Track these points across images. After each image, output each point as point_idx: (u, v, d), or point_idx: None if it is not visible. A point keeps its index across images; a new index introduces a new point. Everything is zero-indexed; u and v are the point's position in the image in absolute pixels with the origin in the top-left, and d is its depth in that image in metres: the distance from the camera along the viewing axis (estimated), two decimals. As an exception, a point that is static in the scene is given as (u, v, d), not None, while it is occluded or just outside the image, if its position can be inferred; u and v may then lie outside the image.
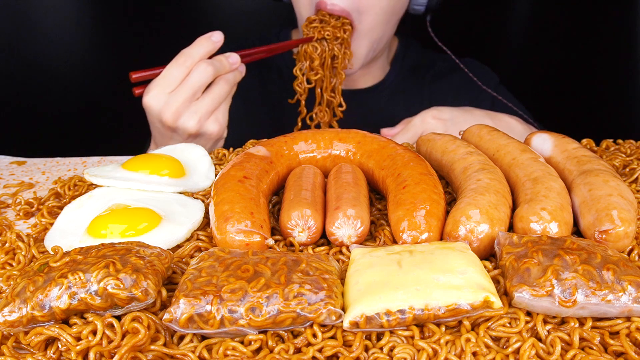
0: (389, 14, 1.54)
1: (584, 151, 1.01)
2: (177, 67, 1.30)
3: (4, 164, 1.29)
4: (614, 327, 0.72)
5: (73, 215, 0.99)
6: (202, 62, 1.30)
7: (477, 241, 0.83)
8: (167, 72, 1.30)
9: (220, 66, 1.33)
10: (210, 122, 1.34)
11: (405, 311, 0.70)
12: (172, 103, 1.29)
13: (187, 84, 1.29)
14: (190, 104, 1.31)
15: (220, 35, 1.34)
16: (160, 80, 1.30)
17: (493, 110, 1.71)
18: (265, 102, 1.78)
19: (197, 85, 1.30)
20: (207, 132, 1.34)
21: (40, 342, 0.70)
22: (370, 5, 1.49)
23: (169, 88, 1.29)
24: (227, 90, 1.36)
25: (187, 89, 1.29)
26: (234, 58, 1.37)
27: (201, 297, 0.69)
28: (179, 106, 1.29)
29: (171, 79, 1.29)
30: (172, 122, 1.30)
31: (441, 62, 1.82)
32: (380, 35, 1.57)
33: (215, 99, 1.33)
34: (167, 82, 1.29)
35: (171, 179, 1.08)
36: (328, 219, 0.89)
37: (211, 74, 1.31)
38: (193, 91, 1.30)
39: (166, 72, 1.30)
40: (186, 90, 1.29)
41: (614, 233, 0.82)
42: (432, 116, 1.43)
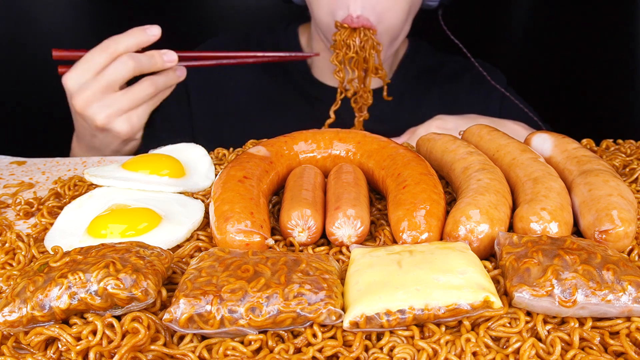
0: (406, 12, 1.53)
1: (584, 151, 1.01)
2: (99, 52, 1.24)
3: (4, 164, 1.29)
4: (614, 327, 0.72)
5: (73, 215, 0.99)
6: (125, 54, 1.24)
7: (477, 241, 0.83)
8: (89, 56, 1.25)
9: (149, 63, 1.27)
10: (120, 121, 1.28)
11: (405, 311, 0.70)
12: (84, 90, 1.24)
13: (104, 75, 1.24)
14: (104, 96, 1.25)
15: (158, 30, 1.27)
16: (81, 63, 1.25)
17: (502, 110, 1.71)
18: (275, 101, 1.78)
19: (112, 77, 1.24)
20: (113, 129, 1.28)
21: (40, 342, 0.70)
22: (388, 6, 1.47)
23: (88, 73, 1.24)
24: (150, 93, 1.29)
25: (103, 79, 1.24)
26: (169, 56, 1.30)
27: (201, 297, 0.69)
28: (91, 95, 1.24)
29: (92, 64, 1.24)
30: (81, 109, 1.25)
31: (451, 64, 1.82)
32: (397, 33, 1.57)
33: (132, 99, 1.27)
34: (88, 66, 1.24)
35: (171, 179, 1.08)
36: (328, 219, 0.89)
37: (131, 69, 1.24)
38: (107, 83, 1.24)
39: (88, 55, 1.25)
40: (101, 81, 1.24)
41: (614, 233, 0.82)
42: (436, 126, 1.42)
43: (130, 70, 1.25)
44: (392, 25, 1.51)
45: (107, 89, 1.25)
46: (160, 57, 1.28)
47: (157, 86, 1.30)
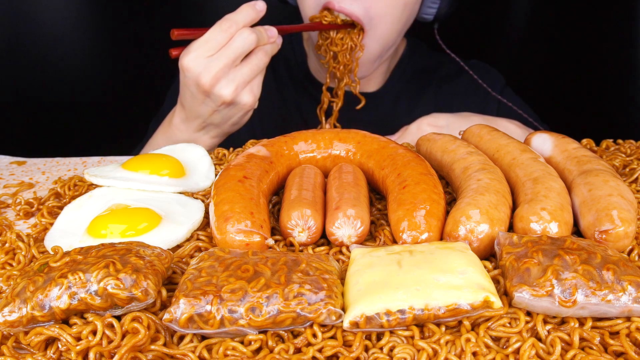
0: (401, 22, 1.53)
1: (584, 151, 1.01)
2: (220, 31, 1.28)
3: (4, 164, 1.29)
4: (614, 327, 0.72)
5: (73, 215, 0.99)
6: (245, 29, 1.29)
7: (477, 241, 0.83)
8: (210, 35, 1.28)
9: (261, 36, 1.32)
10: (246, 92, 1.32)
11: (405, 311, 0.70)
12: (211, 67, 1.27)
13: (229, 50, 1.27)
14: (229, 71, 1.29)
15: (264, 5, 1.33)
16: (202, 43, 1.28)
17: (500, 111, 1.71)
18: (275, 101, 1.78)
19: (238, 52, 1.28)
20: (241, 102, 1.32)
21: (40, 342, 0.70)
22: (382, 13, 1.48)
23: (210, 52, 1.27)
24: (265, 62, 1.34)
25: (229, 54, 1.27)
26: (272, 31, 1.35)
27: (201, 297, 0.69)
28: (218, 71, 1.27)
29: (213, 43, 1.27)
30: (209, 87, 1.28)
31: (449, 65, 1.82)
32: (391, 43, 1.57)
33: (253, 69, 1.32)
34: (209, 45, 1.27)
35: (171, 179, 1.08)
36: (328, 219, 0.89)
37: (254, 42, 1.29)
38: (234, 57, 1.28)
39: (209, 35, 1.28)
40: (227, 56, 1.27)
41: (614, 233, 0.82)
42: (428, 123, 1.42)
43: (253, 42, 1.29)
44: (385, 33, 1.51)
45: (232, 63, 1.29)
46: (265, 32, 1.34)
47: (268, 55, 1.35)
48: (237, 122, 1.41)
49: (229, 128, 1.42)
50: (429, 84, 1.80)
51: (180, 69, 1.31)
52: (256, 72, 1.33)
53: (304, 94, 1.77)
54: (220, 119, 1.37)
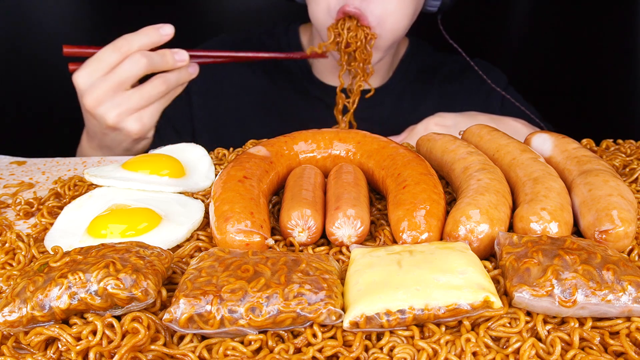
0: (409, 17, 1.52)
1: (584, 151, 1.01)
2: (112, 51, 1.23)
3: (4, 164, 1.29)
4: (614, 327, 0.72)
5: (73, 215, 0.99)
6: (138, 52, 1.23)
7: (477, 241, 0.83)
8: (101, 54, 1.23)
9: (161, 61, 1.26)
10: (131, 120, 1.26)
11: (405, 311, 0.70)
12: (96, 88, 1.23)
13: (116, 73, 1.22)
14: (115, 95, 1.24)
15: (171, 29, 1.27)
16: (93, 62, 1.24)
17: (502, 110, 1.71)
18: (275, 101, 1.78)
19: (124, 76, 1.23)
20: (124, 128, 1.27)
21: (40, 342, 0.70)
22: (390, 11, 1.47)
23: (100, 72, 1.23)
24: (161, 91, 1.28)
25: (115, 78, 1.22)
26: (181, 55, 1.28)
27: (201, 297, 0.69)
28: (102, 94, 1.23)
29: (103, 63, 1.23)
30: (91, 108, 1.24)
31: (451, 64, 1.81)
32: (400, 37, 1.56)
33: (144, 97, 1.26)
34: (99, 65, 1.23)
35: (171, 179, 1.08)
36: (328, 219, 0.89)
37: (143, 67, 1.23)
38: (119, 81, 1.23)
39: (100, 54, 1.24)
40: (113, 79, 1.22)
41: (614, 233, 0.82)
42: (435, 123, 1.42)
43: (143, 68, 1.23)
44: (395, 30, 1.51)
45: (119, 87, 1.23)
46: (171, 56, 1.27)
47: (169, 84, 1.28)
48: (130, 148, 1.35)
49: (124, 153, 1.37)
50: (432, 82, 1.80)
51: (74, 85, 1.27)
52: (148, 101, 1.27)
53: (304, 94, 1.77)
54: (110, 142, 1.33)
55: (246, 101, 1.78)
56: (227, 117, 1.77)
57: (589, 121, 1.93)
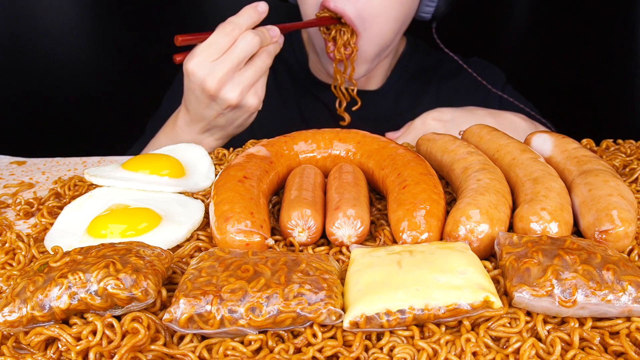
0: (398, 22, 1.52)
1: (584, 151, 1.01)
2: (224, 35, 1.28)
3: (4, 164, 1.29)
4: (614, 327, 0.72)
5: (73, 215, 0.99)
6: (248, 32, 1.29)
7: (477, 241, 0.83)
8: (214, 39, 1.28)
9: (264, 37, 1.32)
10: (251, 95, 1.33)
11: (405, 311, 0.70)
12: (216, 72, 1.27)
13: (233, 53, 1.28)
14: (234, 75, 1.29)
15: (266, 6, 1.33)
16: (206, 47, 1.28)
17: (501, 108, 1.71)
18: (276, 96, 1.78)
19: (242, 55, 1.28)
20: (246, 104, 1.33)
21: (40, 342, 0.70)
22: (376, 13, 1.47)
23: (214, 56, 1.27)
24: (268, 63, 1.35)
25: (233, 58, 1.28)
26: (274, 31, 1.36)
27: (201, 297, 0.69)
28: (223, 75, 1.27)
29: (217, 46, 1.27)
30: (215, 91, 1.28)
31: (449, 63, 1.81)
32: (388, 42, 1.56)
33: (257, 71, 1.32)
34: (213, 49, 1.27)
35: (171, 179, 1.08)
36: (328, 219, 0.89)
37: (257, 44, 1.29)
38: (238, 61, 1.28)
39: (212, 39, 1.28)
40: (232, 60, 1.27)
41: (614, 233, 0.82)
42: (432, 118, 1.42)
43: (257, 46, 1.29)
44: (380, 33, 1.51)
45: (237, 67, 1.29)
46: (268, 32, 1.34)
47: (272, 56, 1.35)
48: (242, 124, 1.41)
49: (234, 130, 1.42)
50: (431, 81, 1.80)
51: (185, 74, 1.31)
52: (260, 74, 1.33)
53: (304, 94, 1.77)
54: (225, 122, 1.37)
55: None
56: None
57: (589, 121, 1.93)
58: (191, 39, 1.30)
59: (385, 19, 1.49)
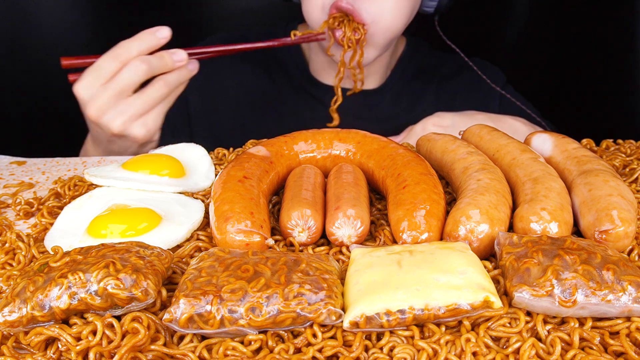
0: (406, 16, 1.51)
1: (584, 151, 1.01)
2: (110, 59, 1.23)
3: (4, 164, 1.29)
4: (614, 327, 0.72)
5: (73, 215, 0.99)
6: (137, 59, 1.23)
7: (477, 241, 0.83)
8: (100, 63, 1.23)
9: (160, 64, 1.25)
10: (137, 126, 1.26)
11: (405, 311, 0.70)
12: (99, 98, 1.22)
13: (116, 81, 1.22)
14: (118, 102, 1.23)
15: (168, 32, 1.26)
16: (92, 71, 1.24)
17: (501, 109, 1.71)
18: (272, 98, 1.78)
19: (125, 83, 1.22)
20: (130, 134, 1.27)
21: (40, 342, 0.70)
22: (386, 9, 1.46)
23: (100, 81, 1.22)
24: (164, 93, 1.27)
25: (115, 86, 1.22)
26: (179, 55, 1.28)
27: (201, 297, 0.69)
28: (104, 103, 1.22)
29: (102, 71, 1.22)
30: (96, 118, 1.24)
31: (449, 63, 1.81)
32: (396, 35, 1.56)
33: (146, 101, 1.26)
34: (98, 74, 1.23)
35: (171, 179, 1.08)
36: (328, 219, 0.89)
37: (144, 72, 1.23)
38: (120, 89, 1.22)
39: (99, 63, 1.23)
40: (114, 87, 1.22)
41: (614, 233, 0.82)
42: (432, 123, 1.41)
43: (143, 74, 1.23)
44: (389, 28, 1.50)
45: (120, 95, 1.23)
46: (170, 57, 1.27)
47: (170, 85, 1.28)
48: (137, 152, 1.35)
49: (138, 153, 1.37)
50: (430, 82, 1.80)
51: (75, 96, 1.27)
52: (151, 105, 1.26)
53: (304, 94, 1.77)
54: (117, 148, 1.33)
55: (245, 100, 1.78)
56: (226, 116, 1.76)
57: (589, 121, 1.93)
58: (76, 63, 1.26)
59: (395, 15, 1.48)
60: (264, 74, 1.79)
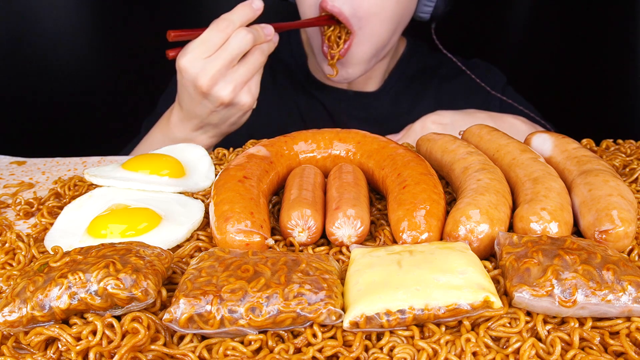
0: (394, 21, 1.52)
1: (584, 151, 1.01)
2: (217, 32, 1.27)
3: (4, 164, 1.29)
4: (614, 327, 0.72)
5: (73, 215, 0.99)
6: (242, 29, 1.28)
7: (477, 241, 0.83)
8: (207, 36, 1.27)
9: (258, 35, 1.31)
10: (244, 93, 1.32)
11: (405, 311, 0.70)
12: (209, 69, 1.26)
13: (226, 51, 1.27)
14: (227, 72, 1.28)
15: (261, 3, 1.32)
16: (199, 44, 1.27)
17: (501, 110, 1.71)
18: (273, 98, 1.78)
19: (235, 52, 1.28)
20: (239, 102, 1.32)
21: (40, 342, 0.70)
22: (372, 12, 1.46)
23: (207, 53, 1.26)
24: (262, 61, 1.34)
25: (226, 55, 1.27)
26: (268, 29, 1.34)
27: (201, 297, 0.69)
28: (216, 73, 1.26)
29: (210, 43, 1.27)
30: (207, 89, 1.27)
31: (450, 64, 1.81)
32: (384, 42, 1.55)
33: (250, 69, 1.31)
34: (206, 46, 1.27)
35: (171, 179, 1.08)
36: (328, 219, 0.89)
37: (251, 41, 1.29)
38: (231, 58, 1.27)
39: (205, 36, 1.27)
40: (224, 57, 1.27)
41: (614, 233, 0.82)
42: (432, 121, 1.42)
43: (250, 43, 1.29)
44: (375, 33, 1.50)
45: (230, 64, 1.28)
46: (262, 30, 1.33)
47: (265, 54, 1.34)
48: (236, 122, 1.40)
49: (228, 128, 1.42)
50: (430, 83, 1.79)
51: (178, 70, 1.30)
52: (253, 72, 1.32)
53: (303, 94, 1.77)
54: (218, 120, 1.37)
55: None
56: None
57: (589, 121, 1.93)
58: (184, 35, 1.29)
59: (381, 18, 1.48)
60: (265, 74, 1.78)
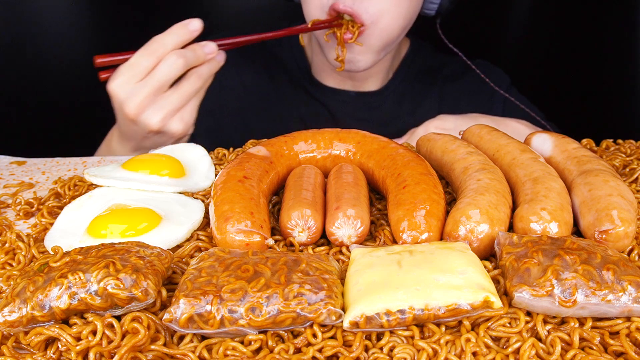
0: (406, 18, 1.51)
1: (584, 151, 1.01)
2: (146, 55, 1.22)
3: (4, 164, 1.29)
4: (614, 327, 0.72)
5: (73, 215, 0.99)
6: (172, 53, 1.22)
7: (477, 241, 0.83)
8: (135, 60, 1.22)
9: (194, 57, 1.25)
10: (175, 121, 1.26)
11: (405, 311, 0.70)
12: (137, 95, 1.21)
13: (154, 77, 1.21)
14: (156, 99, 1.23)
15: (199, 23, 1.26)
16: (128, 68, 1.22)
17: (505, 111, 1.70)
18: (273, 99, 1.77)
19: (164, 79, 1.22)
20: (169, 130, 1.26)
21: (40, 342, 0.70)
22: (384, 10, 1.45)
23: (136, 78, 1.21)
24: (198, 86, 1.28)
25: (153, 82, 1.21)
26: (209, 47, 1.28)
27: (201, 297, 0.69)
28: (143, 99, 1.21)
29: (140, 67, 1.21)
30: (134, 116, 1.23)
31: (453, 65, 1.80)
32: (395, 37, 1.55)
33: (183, 95, 1.25)
34: (135, 71, 1.21)
35: (171, 179, 1.08)
36: (328, 219, 0.89)
37: (181, 67, 1.22)
38: (159, 85, 1.22)
39: (134, 59, 1.22)
40: (152, 84, 1.21)
41: (614, 233, 0.82)
42: (435, 126, 1.41)
43: (180, 68, 1.23)
44: (388, 30, 1.49)
45: (159, 91, 1.23)
46: (201, 50, 1.27)
47: (203, 78, 1.28)
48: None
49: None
50: (433, 83, 1.79)
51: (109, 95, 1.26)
52: (187, 99, 1.26)
53: (305, 95, 1.77)
54: (151, 144, 1.33)
55: (246, 100, 1.77)
56: (226, 116, 1.76)
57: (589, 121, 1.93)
58: (111, 61, 1.24)
59: (393, 16, 1.47)
60: (266, 75, 1.78)
